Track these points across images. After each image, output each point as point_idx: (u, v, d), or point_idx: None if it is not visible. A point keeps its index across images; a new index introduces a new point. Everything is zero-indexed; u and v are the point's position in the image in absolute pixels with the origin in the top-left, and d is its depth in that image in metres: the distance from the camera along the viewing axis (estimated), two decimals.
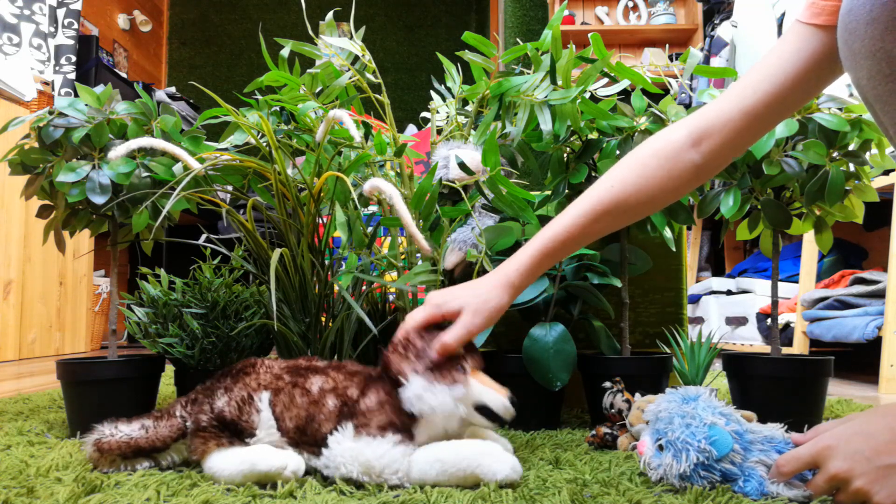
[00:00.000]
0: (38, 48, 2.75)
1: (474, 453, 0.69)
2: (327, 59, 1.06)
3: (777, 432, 0.70)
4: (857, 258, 2.37)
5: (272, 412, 0.74)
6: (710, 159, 0.76)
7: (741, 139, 0.75)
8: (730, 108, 0.74)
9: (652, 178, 0.77)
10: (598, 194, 0.79)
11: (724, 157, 0.77)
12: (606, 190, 0.78)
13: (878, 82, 0.59)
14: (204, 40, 4.55)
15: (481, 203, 1.07)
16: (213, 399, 0.76)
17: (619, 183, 0.78)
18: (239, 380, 0.77)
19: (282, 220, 0.99)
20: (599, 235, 0.82)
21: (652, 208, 0.81)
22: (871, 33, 0.58)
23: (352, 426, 0.71)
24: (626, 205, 0.78)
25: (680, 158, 0.76)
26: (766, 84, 0.72)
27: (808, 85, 0.71)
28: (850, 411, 1.21)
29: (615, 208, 0.78)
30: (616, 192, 0.78)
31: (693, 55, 1.05)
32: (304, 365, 0.78)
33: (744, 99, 0.73)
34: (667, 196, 0.79)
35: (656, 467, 0.69)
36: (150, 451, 0.77)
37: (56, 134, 0.95)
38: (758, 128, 0.75)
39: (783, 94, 0.72)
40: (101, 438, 0.76)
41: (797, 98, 0.73)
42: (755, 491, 0.65)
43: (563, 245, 0.80)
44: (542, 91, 0.98)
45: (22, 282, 2.46)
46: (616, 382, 0.92)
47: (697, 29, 3.63)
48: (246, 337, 1.03)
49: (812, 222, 1.05)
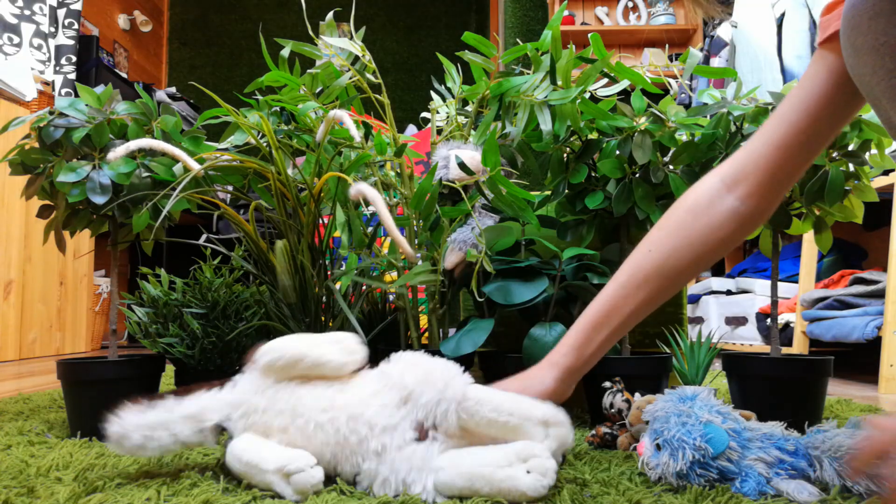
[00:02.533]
0: (38, 48, 2.75)
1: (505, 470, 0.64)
2: (327, 59, 1.06)
3: (776, 430, 0.70)
4: (856, 258, 2.37)
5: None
6: (752, 203, 0.73)
7: (779, 175, 0.72)
8: (760, 146, 0.72)
9: (690, 234, 0.74)
10: (637, 261, 0.77)
11: (765, 199, 0.73)
12: (644, 255, 0.76)
13: (881, 77, 0.58)
14: (204, 41, 4.56)
15: (481, 203, 1.07)
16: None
17: (657, 246, 0.76)
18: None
19: (282, 220, 0.99)
20: (651, 305, 0.78)
21: (697, 268, 0.76)
22: (874, 28, 0.57)
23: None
24: (668, 268, 0.75)
25: (717, 208, 0.73)
26: (793, 114, 0.70)
27: (836, 108, 0.69)
28: (850, 411, 1.21)
29: (657, 273, 0.75)
30: (654, 256, 0.75)
31: (693, 55, 1.05)
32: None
33: (772, 133, 0.71)
34: (711, 252, 0.75)
35: (654, 467, 0.69)
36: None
37: (56, 134, 0.95)
38: (793, 161, 0.71)
39: (811, 121, 0.69)
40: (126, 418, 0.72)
41: (829, 124, 0.70)
42: (753, 490, 0.65)
43: (609, 317, 0.77)
44: (541, 91, 0.98)
45: (22, 282, 2.46)
46: (616, 382, 0.92)
47: (697, 29, 3.63)
48: (246, 337, 1.03)
49: (812, 222, 1.05)
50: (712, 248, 0.75)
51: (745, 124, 0.99)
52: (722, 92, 1.04)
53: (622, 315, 0.77)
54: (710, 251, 0.75)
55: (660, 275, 0.75)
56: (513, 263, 1.04)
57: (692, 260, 0.75)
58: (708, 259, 0.76)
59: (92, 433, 0.96)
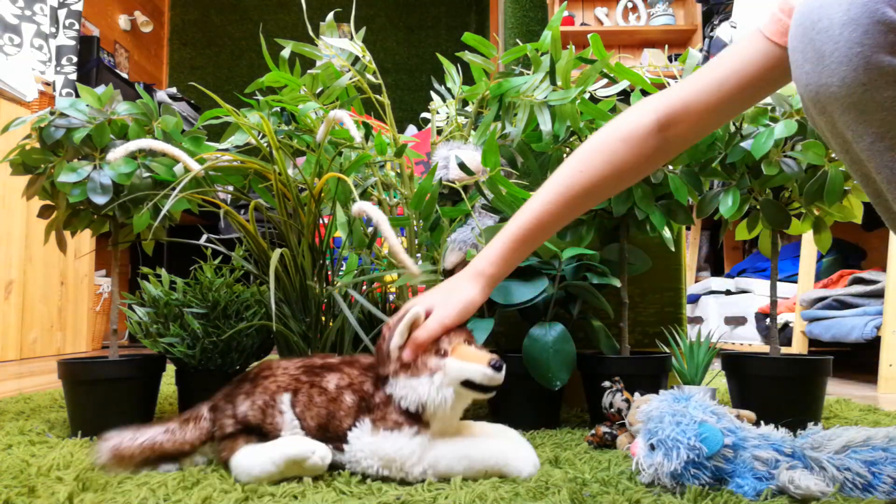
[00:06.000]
0: (39, 49, 2.75)
1: (501, 453, 0.73)
2: (328, 59, 1.06)
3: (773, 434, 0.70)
4: (855, 258, 2.38)
5: (294, 412, 0.75)
6: (675, 144, 0.80)
7: (705, 127, 0.79)
8: (696, 101, 0.77)
9: (621, 161, 0.79)
10: (566, 181, 0.80)
11: (687, 142, 0.81)
12: (575, 176, 0.80)
13: (852, 90, 0.55)
14: (205, 41, 4.56)
15: (481, 203, 1.07)
16: (235, 405, 0.77)
17: (589, 167, 0.80)
18: (258, 384, 0.77)
19: (282, 220, 0.99)
20: (570, 219, 0.84)
21: (618, 189, 0.85)
22: (847, 36, 0.54)
23: (369, 421, 0.73)
24: (596, 188, 0.80)
25: (647, 143, 0.79)
26: (735, 79, 0.75)
27: (763, 89, 0.76)
28: (849, 411, 1.22)
29: (584, 192, 0.80)
30: (586, 176, 0.80)
31: (692, 56, 1.05)
32: (319, 363, 0.79)
33: (710, 95, 0.76)
34: (633, 177, 0.83)
35: (648, 467, 0.69)
36: (176, 455, 0.77)
37: (57, 134, 0.96)
38: (721, 118, 0.79)
39: (748, 91, 0.75)
40: (121, 444, 0.75)
41: (753, 98, 0.77)
42: (752, 490, 0.65)
43: (534, 232, 0.81)
44: (541, 92, 0.98)
45: (23, 282, 2.46)
46: (615, 382, 0.92)
47: (696, 30, 3.63)
48: (247, 337, 1.04)
49: (811, 222, 1.05)
50: (633, 177, 0.83)
51: (745, 124, 0.99)
52: None
53: (547, 229, 0.82)
54: (630, 180, 0.84)
55: (586, 195, 0.81)
56: None
57: (615, 185, 0.82)
58: (627, 183, 0.84)
59: (93, 433, 0.96)
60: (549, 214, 0.80)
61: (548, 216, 0.80)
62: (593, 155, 0.80)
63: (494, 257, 0.81)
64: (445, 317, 0.76)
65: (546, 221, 0.81)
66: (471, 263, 0.82)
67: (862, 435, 0.68)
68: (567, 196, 0.80)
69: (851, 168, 0.64)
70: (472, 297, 0.79)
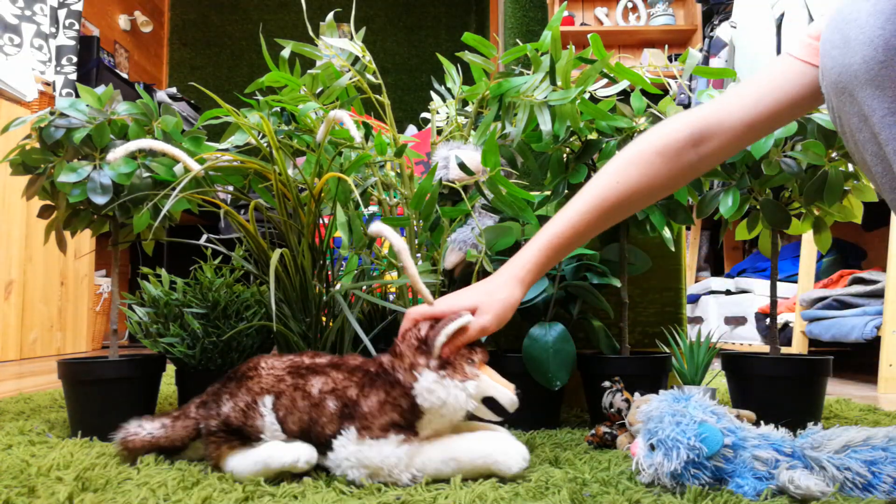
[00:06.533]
0: (39, 49, 2.75)
1: (489, 450, 0.72)
2: (328, 59, 1.06)
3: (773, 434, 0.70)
4: (855, 258, 2.38)
5: (275, 416, 0.75)
6: (707, 161, 0.80)
7: (737, 145, 0.80)
8: (731, 117, 0.77)
9: (656, 175, 0.80)
10: (603, 191, 0.80)
11: (718, 160, 0.81)
12: (611, 186, 0.80)
13: (871, 66, 0.62)
14: (205, 41, 4.56)
15: (481, 203, 1.07)
16: (219, 404, 0.77)
17: (625, 178, 0.80)
18: (242, 384, 0.77)
19: (282, 220, 0.99)
20: (602, 229, 0.84)
21: (649, 202, 0.84)
22: (871, 23, 0.62)
23: (354, 430, 0.72)
24: (629, 200, 0.81)
25: (682, 158, 0.79)
26: (769, 99, 0.76)
27: (800, 109, 0.77)
28: (849, 411, 1.22)
29: (618, 203, 0.80)
30: (621, 188, 0.80)
31: (692, 56, 1.05)
32: (306, 363, 0.78)
33: (746, 110, 0.77)
34: (665, 192, 0.83)
35: (648, 468, 0.69)
36: (170, 449, 0.81)
37: (57, 134, 0.96)
38: (753, 137, 0.79)
39: (781, 111, 0.76)
40: (127, 437, 0.80)
41: (789, 118, 0.78)
42: (752, 490, 0.65)
43: (569, 240, 0.81)
44: (541, 92, 0.98)
45: (23, 282, 2.46)
46: (615, 382, 0.92)
47: (696, 30, 3.63)
48: (247, 337, 1.04)
49: (811, 222, 1.05)
50: (664, 191, 0.83)
51: None
52: (721, 92, 1.04)
53: (579, 238, 0.82)
54: (662, 194, 0.83)
55: (620, 206, 0.81)
56: None
57: (647, 198, 0.82)
58: (659, 197, 0.84)
59: (93, 433, 0.96)
60: (583, 224, 0.80)
61: (583, 225, 0.80)
62: (629, 166, 0.80)
63: (530, 264, 0.81)
64: (493, 322, 0.77)
65: (580, 230, 0.81)
66: (505, 267, 0.82)
67: (862, 435, 0.68)
68: (602, 206, 0.80)
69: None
70: (515, 304, 0.80)
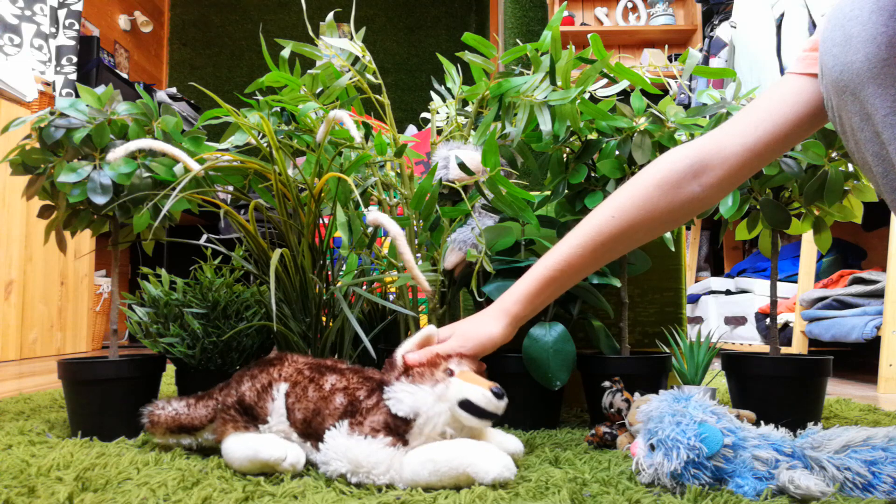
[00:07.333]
0: (39, 49, 2.75)
1: (465, 453, 0.69)
2: (328, 59, 1.06)
3: (773, 434, 0.70)
4: (855, 258, 2.38)
5: (285, 402, 0.78)
6: (711, 192, 0.77)
7: (740, 174, 0.77)
8: (732, 144, 0.75)
9: (654, 209, 0.77)
10: (598, 225, 0.79)
11: (723, 190, 0.78)
12: (607, 221, 0.78)
13: (874, 64, 0.61)
14: (205, 41, 4.56)
15: (481, 203, 1.07)
16: (240, 384, 0.82)
17: (621, 213, 0.78)
18: (265, 369, 0.82)
19: (282, 220, 0.99)
20: (601, 264, 0.81)
21: (653, 235, 0.81)
22: (874, 20, 0.61)
23: (347, 423, 0.74)
24: (626, 235, 0.79)
25: (682, 190, 0.77)
26: (769, 124, 0.74)
27: (802, 129, 0.74)
28: (850, 411, 1.22)
29: (615, 238, 0.78)
30: (617, 222, 0.78)
31: (692, 56, 1.05)
32: (328, 364, 0.82)
33: (746, 137, 0.75)
34: (667, 226, 0.80)
35: (648, 468, 0.69)
36: (190, 428, 0.85)
37: (57, 134, 0.96)
38: (756, 164, 0.76)
39: (783, 135, 0.74)
40: (154, 411, 0.86)
41: (792, 140, 0.75)
42: (752, 490, 0.65)
43: (563, 274, 0.80)
44: (541, 92, 0.98)
45: (23, 282, 2.46)
46: (615, 382, 0.92)
47: (696, 30, 3.63)
48: (247, 337, 1.04)
49: (811, 222, 1.05)
50: (667, 225, 0.80)
51: None
52: (721, 92, 1.04)
53: (575, 274, 0.80)
54: (664, 228, 0.80)
55: (617, 241, 0.79)
56: (513, 263, 1.04)
57: (648, 232, 0.80)
58: (660, 231, 0.81)
59: (93, 433, 0.96)
60: (577, 257, 0.79)
61: (577, 259, 0.79)
62: (626, 200, 0.78)
63: (521, 297, 0.80)
64: (462, 346, 0.77)
65: (575, 264, 0.79)
66: (498, 300, 0.82)
67: (862, 435, 0.68)
68: (597, 241, 0.78)
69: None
70: (494, 334, 0.80)
